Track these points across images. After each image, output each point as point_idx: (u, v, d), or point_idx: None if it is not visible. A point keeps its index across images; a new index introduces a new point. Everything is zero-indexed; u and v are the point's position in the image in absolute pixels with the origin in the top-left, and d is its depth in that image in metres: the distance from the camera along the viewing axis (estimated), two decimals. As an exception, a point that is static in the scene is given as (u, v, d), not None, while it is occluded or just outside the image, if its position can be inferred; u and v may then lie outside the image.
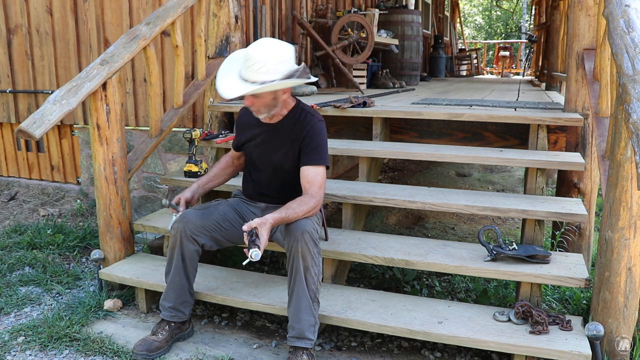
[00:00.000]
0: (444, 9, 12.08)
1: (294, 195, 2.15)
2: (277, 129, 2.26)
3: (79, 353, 2.23)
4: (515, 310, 2.12)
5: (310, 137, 2.18)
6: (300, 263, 2.03)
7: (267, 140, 2.29)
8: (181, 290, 2.28)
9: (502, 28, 25.25)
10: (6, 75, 4.49)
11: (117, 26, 3.94)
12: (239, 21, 3.46)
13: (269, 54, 2.02)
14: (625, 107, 1.71)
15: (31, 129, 2.22)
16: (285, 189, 2.30)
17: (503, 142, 3.04)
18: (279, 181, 2.32)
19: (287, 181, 2.29)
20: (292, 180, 2.25)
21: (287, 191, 2.27)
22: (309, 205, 2.07)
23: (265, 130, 2.29)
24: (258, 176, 2.38)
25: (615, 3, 2.04)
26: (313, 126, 2.20)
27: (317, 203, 2.11)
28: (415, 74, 6.51)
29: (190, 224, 2.22)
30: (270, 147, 2.28)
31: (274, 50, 2.03)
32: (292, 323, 2.09)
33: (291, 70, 2.04)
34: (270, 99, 2.13)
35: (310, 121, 2.21)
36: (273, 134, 2.26)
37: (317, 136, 2.19)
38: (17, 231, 3.65)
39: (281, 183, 2.32)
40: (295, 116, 2.23)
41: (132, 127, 4.00)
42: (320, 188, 2.15)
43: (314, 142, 2.18)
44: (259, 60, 2.01)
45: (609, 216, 1.97)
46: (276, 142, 2.26)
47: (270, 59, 2.01)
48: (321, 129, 2.22)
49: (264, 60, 2.00)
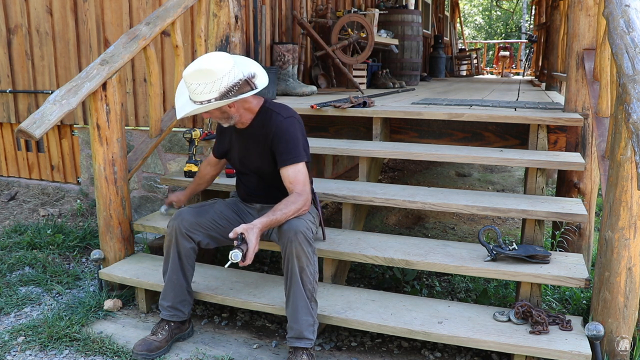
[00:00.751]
0: (444, 9, 12.08)
1: (284, 195, 2.14)
2: (248, 134, 2.25)
3: (79, 353, 2.23)
4: (515, 310, 2.12)
5: (279, 136, 2.14)
6: (295, 263, 2.03)
7: (243, 146, 2.29)
8: (179, 289, 2.28)
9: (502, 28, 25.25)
10: (6, 75, 4.49)
11: (117, 26, 3.94)
12: (239, 21, 3.46)
13: (204, 75, 1.99)
14: (625, 107, 1.71)
15: (31, 129, 2.22)
16: (273, 191, 2.28)
17: (503, 142, 3.04)
18: (265, 183, 2.31)
19: (272, 183, 2.28)
20: (275, 181, 2.23)
21: (276, 192, 2.25)
22: (297, 204, 2.06)
23: (240, 137, 2.29)
24: (246, 180, 2.38)
25: (615, 3, 2.04)
26: (279, 125, 2.15)
27: (306, 200, 2.10)
28: (415, 74, 6.51)
29: (185, 222, 2.23)
30: (247, 153, 2.28)
31: (209, 70, 1.99)
32: (290, 323, 2.09)
33: (230, 85, 2.02)
34: (219, 113, 2.13)
35: (276, 120, 2.16)
36: (247, 139, 2.26)
37: (286, 134, 2.14)
38: (17, 231, 3.65)
39: (267, 185, 2.31)
40: (263, 118, 2.20)
41: (132, 127, 4.00)
42: (304, 185, 2.13)
43: (284, 140, 2.14)
44: (193, 83, 2.02)
45: (609, 216, 1.97)
46: (250, 147, 2.26)
47: (205, 79, 1.99)
48: (289, 126, 2.15)
49: (197, 82, 2.01)
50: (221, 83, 2.01)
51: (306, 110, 3.23)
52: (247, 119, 2.22)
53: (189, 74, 2.02)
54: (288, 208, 2.05)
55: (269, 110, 2.21)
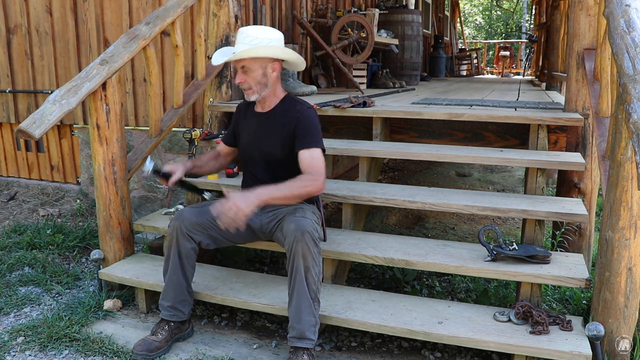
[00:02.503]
0: (444, 9, 12.07)
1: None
2: (269, 117, 2.32)
3: (79, 353, 2.23)
4: (515, 311, 2.12)
5: (302, 121, 2.22)
6: (300, 263, 2.03)
7: (260, 129, 2.34)
8: (179, 288, 2.28)
9: (503, 28, 25.24)
10: (6, 75, 4.48)
11: (117, 26, 3.94)
12: (239, 21, 3.46)
13: (264, 31, 2.22)
14: (626, 107, 1.70)
15: (31, 129, 2.22)
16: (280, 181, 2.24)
17: (503, 142, 3.04)
18: (273, 172, 2.30)
19: (280, 173, 2.24)
20: (283, 171, 2.23)
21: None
22: (304, 182, 2.08)
23: (258, 121, 2.35)
24: (252, 168, 2.39)
25: (616, 3, 2.04)
26: (303, 113, 2.25)
27: (316, 181, 2.09)
28: (415, 73, 6.51)
29: (186, 222, 2.23)
30: (262, 135, 2.32)
31: (269, 30, 2.23)
32: (292, 323, 2.09)
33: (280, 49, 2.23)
34: (261, 74, 2.22)
35: (301, 109, 2.26)
36: (265, 122, 2.32)
37: (309, 121, 2.23)
38: (17, 231, 3.64)
39: (274, 175, 2.27)
40: (286, 105, 2.31)
41: (132, 127, 4.00)
42: (319, 168, 2.14)
43: (307, 126, 2.22)
44: (251, 34, 2.19)
45: (609, 216, 1.96)
46: (267, 130, 2.31)
47: (265, 35, 2.20)
48: (312, 116, 2.26)
49: (256, 34, 2.19)
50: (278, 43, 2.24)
51: (306, 110, 3.22)
52: (272, 102, 2.32)
53: (251, 28, 2.21)
54: (295, 184, 2.06)
55: (293, 100, 2.33)
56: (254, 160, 2.37)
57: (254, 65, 2.20)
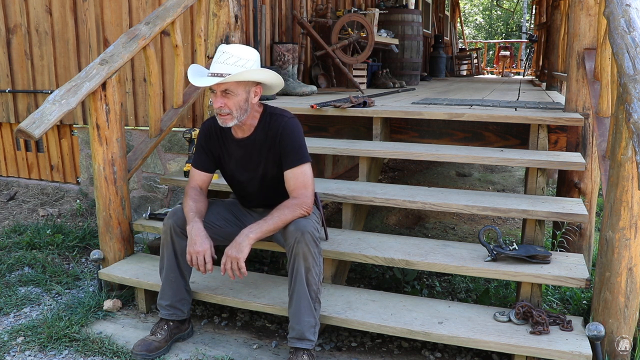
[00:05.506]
0: (444, 9, 12.07)
1: (285, 198, 2.14)
2: (253, 142, 2.21)
3: (79, 353, 2.22)
4: (515, 311, 2.12)
5: (285, 138, 2.14)
6: (301, 263, 2.02)
7: (246, 155, 2.24)
8: (177, 287, 2.27)
9: (503, 28, 25.24)
10: (5, 75, 4.48)
11: (117, 26, 3.94)
12: (239, 21, 3.45)
13: (246, 51, 2.08)
14: (626, 107, 1.70)
15: (30, 129, 2.22)
16: (276, 194, 2.24)
17: (503, 142, 3.04)
18: (268, 189, 2.28)
19: (277, 187, 2.24)
20: (279, 185, 2.21)
21: (279, 197, 2.19)
22: (291, 210, 2.06)
23: (241, 147, 2.24)
24: (244, 192, 2.35)
25: (616, 2, 2.04)
26: (285, 126, 2.15)
27: (302, 204, 2.08)
28: (415, 73, 6.50)
29: (181, 220, 2.20)
30: (249, 160, 2.24)
31: (249, 50, 2.10)
32: (292, 324, 2.08)
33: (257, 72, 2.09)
34: (244, 99, 2.09)
35: (282, 121, 2.17)
36: (251, 148, 2.22)
37: (292, 135, 2.15)
38: (17, 231, 3.64)
39: (270, 190, 2.28)
40: (266, 125, 2.19)
41: (131, 127, 4.00)
42: (307, 188, 2.12)
43: (290, 142, 2.14)
44: (234, 54, 2.05)
45: (609, 216, 1.96)
46: (255, 156, 2.22)
47: (248, 55, 2.07)
48: (294, 127, 2.17)
49: (240, 54, 2.06)
50: (257, 64, 2.10)
51: (306, 110, 3.22)
52: (252, 124, 2.20)
53: (230, 47, 2.06)
54: (284, 213, 2.05)
55: (271, 114, 2.21)
56: (242, 183, 2.32)
57: (238, 89, 2.07)
